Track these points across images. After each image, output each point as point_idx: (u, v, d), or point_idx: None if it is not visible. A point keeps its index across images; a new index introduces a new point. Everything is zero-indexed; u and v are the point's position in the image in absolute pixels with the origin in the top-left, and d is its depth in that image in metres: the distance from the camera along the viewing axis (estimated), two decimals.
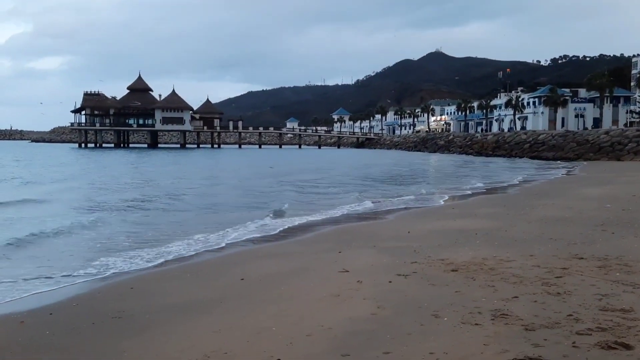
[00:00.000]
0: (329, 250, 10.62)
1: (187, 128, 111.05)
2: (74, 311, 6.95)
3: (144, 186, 27.09)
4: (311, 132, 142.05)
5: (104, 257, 10.20)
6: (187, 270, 9.31)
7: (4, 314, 6.94)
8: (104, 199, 20.46)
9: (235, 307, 6.94)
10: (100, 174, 35.94)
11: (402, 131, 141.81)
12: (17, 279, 8.63)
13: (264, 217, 15.57)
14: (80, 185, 27.39)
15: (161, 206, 18.76)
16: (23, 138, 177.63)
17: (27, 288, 8.16)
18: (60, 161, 54.37)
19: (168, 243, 11.69)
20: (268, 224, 14.45)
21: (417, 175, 36.01)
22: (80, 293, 7.95)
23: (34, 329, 6.23)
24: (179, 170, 42.83)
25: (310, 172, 38.74)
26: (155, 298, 7.51)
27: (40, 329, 6.19)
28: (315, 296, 7.24)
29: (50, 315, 6.75)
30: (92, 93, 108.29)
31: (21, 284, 8.39)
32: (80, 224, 14.29)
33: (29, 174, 35.13)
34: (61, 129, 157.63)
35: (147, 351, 5.48)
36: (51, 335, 6.00)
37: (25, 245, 11.52)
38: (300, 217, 15.67)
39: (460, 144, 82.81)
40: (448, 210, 17.04)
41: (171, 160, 61.48)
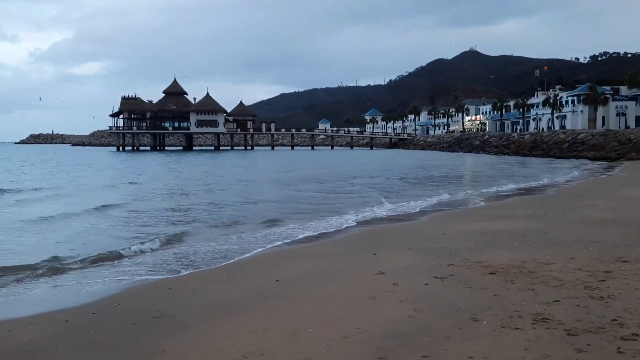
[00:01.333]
0: (363, 251, 10.59)
1: (221, 130, 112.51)
2: (116, 311, 7.11)
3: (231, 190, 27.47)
4: (343, 133, 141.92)
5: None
6: (223, 271, 9.43)
7: (49, 311, 7.18)
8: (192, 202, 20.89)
9: (272, 308, 6.99)
10: (171, 177, 36.14)
11: (435, 131, 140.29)
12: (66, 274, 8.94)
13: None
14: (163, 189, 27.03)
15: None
16: (64, 142, 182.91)
17: (74, 285, 8.44)
18: (116, 164, 55.06)
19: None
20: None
21: (451, 176, 35.56)
22: (120, 292, 8.13)
23: (78, 327, 6.41)
24: (241, 172, 42.26)
25: (345, 173, 38.71)
26: (192, 298, 7.63)
27: (84, 328, 6.36)
28: (351, 298, 7.22)
29: (93, 314, 6.93)
30: (129, 97, 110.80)
31: (67, 281, 8.68)
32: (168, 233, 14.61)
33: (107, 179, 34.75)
34: (100, 132, 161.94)
35: (187, 350, 5.57)
36: (94, 334, 6.16)
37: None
38: (328, 220, 15.68)
39: (496, 144, 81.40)
40: (484, 212, 16.76)
41: (227, 162, 61.55)
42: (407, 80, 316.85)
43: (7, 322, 6.76)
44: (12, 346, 5.84)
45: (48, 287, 8.54)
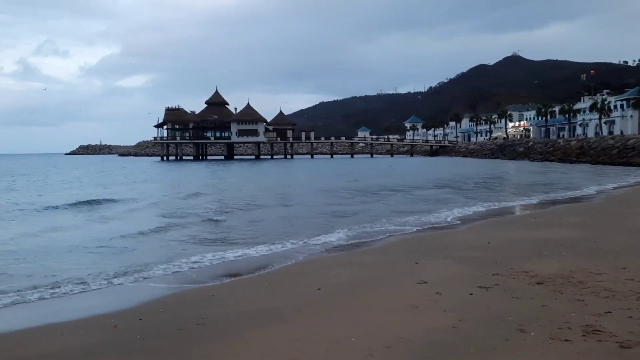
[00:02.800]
0: (405, 260, 10.48)
1: (261, 140, 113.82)
2: (161, 317, 7.26)
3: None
4: (383, 141, 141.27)
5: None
6: (265, 279, 9.51)
7: (98, 315, 7.44)
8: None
9: (313, 316, 6.99)
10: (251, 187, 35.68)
11: (477, 138, 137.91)
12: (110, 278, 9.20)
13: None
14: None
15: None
16: (111, 152, 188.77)
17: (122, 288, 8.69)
18: (177, 174, 53.90)
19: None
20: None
21: (494, 183, 34.84)
22: (166, 298, 8.31)
23: (126, 333, 6.57)
24: (306, 181, 41.62)
25: (386, 181, 38.47)
26: (235, 305, 7.72)
27: (132, 334, 6.52)
28: (393, 307, 7.16)
29: (140, 320, 7.10)
30: (173, 108, 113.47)
31: (115, 284, 8.94)
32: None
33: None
34: (145, 143, 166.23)
35: (230, 357, 5.63)
36: (142, 340, 6.30)
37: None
38: (370, 227, 15.61)
39: (541, 151, 79.36)
40: (529, 220, 16.34)
41: (275, 170, 61.98)
42: (447, 87, 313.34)
43: (59, 326, 7.00)
44: (64, 350, 6.04)
45: (104, 291, 8.82)
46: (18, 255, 11.80)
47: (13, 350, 6.12)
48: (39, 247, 12.91)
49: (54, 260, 11.37)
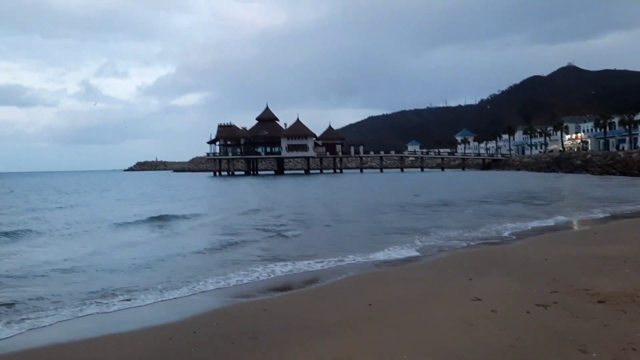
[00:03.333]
0: (458, 276, 10.27)
1: (310, 154, 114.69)
2: (215, 330, 7.39)
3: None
4: (434, 155, 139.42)
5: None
6: (316, 293, 9.52)
7: (154, 326, 7.67)
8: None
9: (365, 331, 6.94)
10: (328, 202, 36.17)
11: (532, 151, 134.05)
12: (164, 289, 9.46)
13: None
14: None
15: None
16: (166, 168, 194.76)
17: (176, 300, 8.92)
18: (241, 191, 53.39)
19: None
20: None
21: (551, 197, 33.68)
22: (220, 311, 8.46)
23: (181, 345, 6.72)
24: (372, 196, 40.42)
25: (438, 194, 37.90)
26: (287, 320, 7.76)
27: (187, 346, 6.67)
28: (447, 324, 7.01)
29: (194, 333, 7.25)
30: (225, 125, 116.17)
31: (168, 295, 9.19)
32: None
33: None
34: (198, 159, 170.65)
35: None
36: (196, 353, 6.43)
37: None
38: (422, 242, 15.38)
39: (600, 164, 76.22)
40: (589, 235, 15.69)
41: (338, 186, 61.33)
42: (499, 99, 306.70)
43: (118, 337, 7.25)
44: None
45: (161, 304, 9.10)
46: (84, 269, 12.29)
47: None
48: (108, 261, 13.35)
49: (119, 274, 11.75)
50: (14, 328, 7.75)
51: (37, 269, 12.11)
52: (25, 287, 10.33)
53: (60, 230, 20.04)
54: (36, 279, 11.18)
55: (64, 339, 7.28)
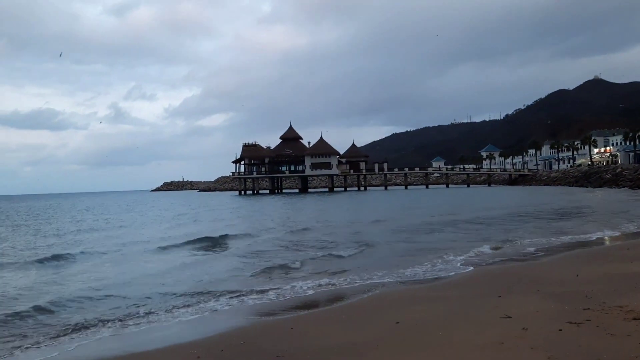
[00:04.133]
0: (487, 294, 10.10)
1: (334, 172, 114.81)
2: (242, 349, 7.39)
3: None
4: (459, 171, 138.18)
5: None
6: (342, 312, 9.47)
7: (181, 344, 7.78)
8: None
9: (393, 351, 6.86)
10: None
11: (559, 166, 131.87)
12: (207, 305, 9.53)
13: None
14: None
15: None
16: (192, 188, 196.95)
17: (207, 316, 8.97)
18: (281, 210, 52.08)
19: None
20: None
21: (581, 212, 32.98)
22: (246, 329, 8.48)
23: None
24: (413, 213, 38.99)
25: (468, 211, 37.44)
26: (313, 340, 7.72)
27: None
28: (476, 343, 6.89)
29: (222, 352, 7.27)
30: (249, 144, 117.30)
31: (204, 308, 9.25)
32: None
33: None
34: (224, 178, 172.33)
35: None
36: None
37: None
38: (447, 259, 15.19)
39: (631, 177, 74.50)
40: (621, 252, 15.29)
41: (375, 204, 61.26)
42: (525, 114, 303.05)
43: (148, 355, 7.31)
44: None
45: (189, 321, 9.16)
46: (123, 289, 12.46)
47: None
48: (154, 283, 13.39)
49: (161, 293, 11.85)
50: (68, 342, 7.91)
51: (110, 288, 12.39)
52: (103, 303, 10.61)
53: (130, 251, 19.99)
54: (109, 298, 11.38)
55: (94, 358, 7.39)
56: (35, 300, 11.04)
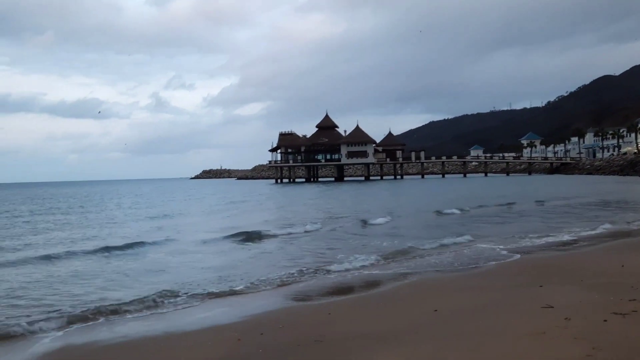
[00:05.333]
0: (527, 284, 9.93)
1: (370, 161, 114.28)
2: (281, 333, 7.50)
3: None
4: (498, 159, 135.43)
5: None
6: (379, 299, 9.48)
7: (223, 325, 8.02)
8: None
9: (431, 339, 6.83)
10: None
11: (603, 154, 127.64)
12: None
13: None
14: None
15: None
16: (230, 176, 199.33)
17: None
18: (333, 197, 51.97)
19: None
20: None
21: (627, 201, 31.90)
22: (284, 314, 8.60)
23: (249, 346, 6.87)
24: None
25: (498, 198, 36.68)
26: (351, 324, 7.76)
27: (254, 348, 6.81)
28: (516, 333, 6.78)
29: (261, 335, 7.40)
30: (285, 133, 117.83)
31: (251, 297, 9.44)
32: None
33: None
34: (260, 166, 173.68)
35: None
36: (264, 354, 6.56)
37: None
38: (485, 246, 14.97)
39: None
40: None
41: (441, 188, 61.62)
42: (567, 101, 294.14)
43: (188, 335, 7.53)
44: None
45: (229, 300, 9.38)
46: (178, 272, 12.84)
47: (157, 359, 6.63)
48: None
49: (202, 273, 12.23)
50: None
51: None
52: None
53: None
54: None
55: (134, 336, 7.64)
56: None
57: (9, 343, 7.54)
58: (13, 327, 8.03)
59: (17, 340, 7.65)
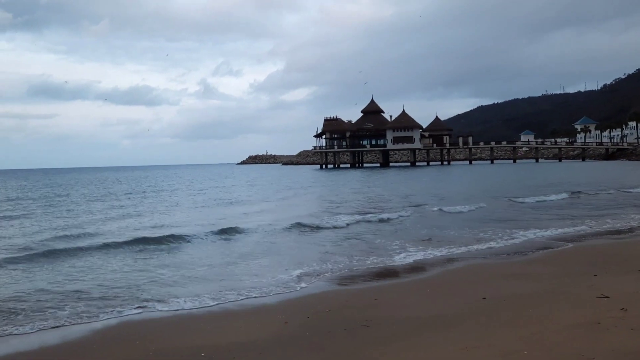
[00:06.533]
0: (580, 273, 9.63)
1: (416, 146, 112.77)
2: (328, 316, 7.57)
3: None
4: (550, 145, 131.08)
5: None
6: (427, 285, 9.41)
7: (268, 305, 8.19)
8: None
9: (480, 326, 6.74)
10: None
11: None
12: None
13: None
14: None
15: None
16: (275, 161, 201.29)
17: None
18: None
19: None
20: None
21: None
22: (331, 298, 8.65)
23: (296, 329, 6.97)
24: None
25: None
26: (398, 310, 7.75)
27: (301, 330, 6.90)
28: (569, 322, 6.61)
29: (308, 318, 7.48)
30: (330, 118, 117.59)
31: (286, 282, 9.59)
32: None
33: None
34: (305, 152, 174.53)
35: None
36: (310, 337, 6.64)
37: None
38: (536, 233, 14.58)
39: None
40: None
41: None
42: (625, 84, 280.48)
43: (237, 315, 7.73)
44: (244, 341, 6.59)
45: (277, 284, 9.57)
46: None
47: (208, 338, 6.82)
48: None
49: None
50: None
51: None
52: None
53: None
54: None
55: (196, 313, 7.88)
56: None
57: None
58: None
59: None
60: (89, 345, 6.75)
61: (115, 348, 6.53)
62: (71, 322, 7.72)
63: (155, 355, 6.21)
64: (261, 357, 6.02)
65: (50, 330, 7.43)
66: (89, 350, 6.53)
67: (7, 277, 10.84)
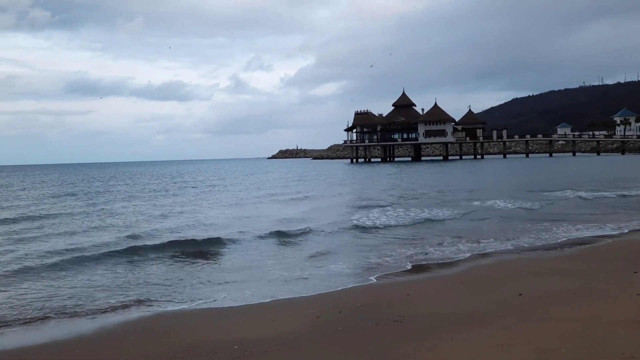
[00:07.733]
0: (619, 269, 9.37)
1: (449, 140, 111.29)
2: (359, 312, 7.55)
3: None
4: (587, 138, 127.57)
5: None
6: (460, 280, 9.28)
7: (299, 298, 8.27)
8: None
9: (515, 323, 6.61)
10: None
11: None
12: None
13: None
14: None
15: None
16: (305, 156, 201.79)
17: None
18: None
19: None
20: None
21: None
22: (363, 293, 8.65)
23: (328, 324, 6.98)
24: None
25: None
26: (430, 305, 7.67)
27: (333, 325, 6.90)
28: (609, 320, 6.42)
29: (340, 313, 7.48)
30: (361, 112, 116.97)
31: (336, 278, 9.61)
32: None
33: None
34: (336, 146, 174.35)
35: (429, 358, 5.59)
36: (342, 331, 6.63)
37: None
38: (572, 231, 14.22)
39: None
40: None
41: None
42: None
43: (271, 307, 7.80)
44: (276, 335, 6.63)
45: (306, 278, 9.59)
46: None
47: (240, 332, 6.89)
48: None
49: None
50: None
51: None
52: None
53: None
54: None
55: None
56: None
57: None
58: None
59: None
60: (124, 335, 6.91)
61: (150, 340, 6.66)
62: (106, 312, 7.96)
63: (189, 347, 6.30)
64: (293, 350, 6.04)
65: (85, 319, 7.66)
66: (124, 341, 6.68)
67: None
